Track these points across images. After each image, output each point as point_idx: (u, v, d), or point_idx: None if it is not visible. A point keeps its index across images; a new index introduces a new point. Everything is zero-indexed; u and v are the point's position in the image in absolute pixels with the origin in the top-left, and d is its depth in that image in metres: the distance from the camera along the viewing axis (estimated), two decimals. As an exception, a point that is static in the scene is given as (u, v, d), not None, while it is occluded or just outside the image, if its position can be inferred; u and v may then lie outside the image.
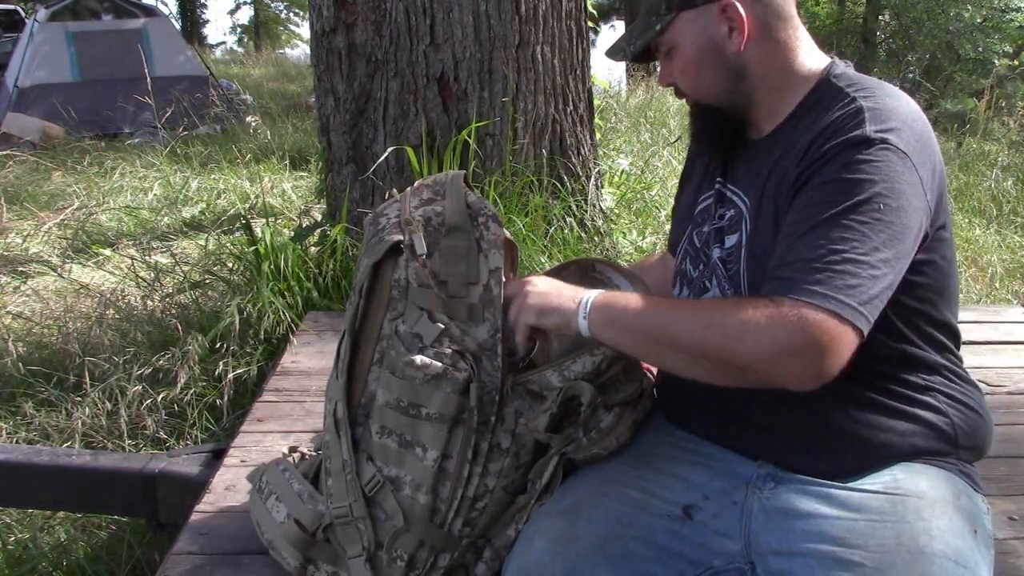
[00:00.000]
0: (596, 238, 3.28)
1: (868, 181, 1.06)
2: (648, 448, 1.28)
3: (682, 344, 1.10)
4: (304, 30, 29.34)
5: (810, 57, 1.25)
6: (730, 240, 1.27)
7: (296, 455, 1.47)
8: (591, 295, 1.17)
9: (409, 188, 1.32)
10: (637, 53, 1.27)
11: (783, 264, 1.08)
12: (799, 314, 1.01)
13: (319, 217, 3.62)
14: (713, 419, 1.27)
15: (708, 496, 1.20)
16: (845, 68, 1.25)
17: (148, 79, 5.19)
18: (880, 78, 1.26)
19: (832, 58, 1.27)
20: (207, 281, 3.15)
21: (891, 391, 1.18)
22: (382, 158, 2.96)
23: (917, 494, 1.13)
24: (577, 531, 1.14)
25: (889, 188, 1.06)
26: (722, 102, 1.26)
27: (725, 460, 1.24)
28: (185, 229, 4.51)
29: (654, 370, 1.45)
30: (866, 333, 1.03)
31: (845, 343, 1.02)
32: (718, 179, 1.34)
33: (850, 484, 1.15)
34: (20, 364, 2.70)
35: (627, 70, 9.05)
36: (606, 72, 8.22)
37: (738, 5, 1.21)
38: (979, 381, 1.34)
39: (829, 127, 1.13)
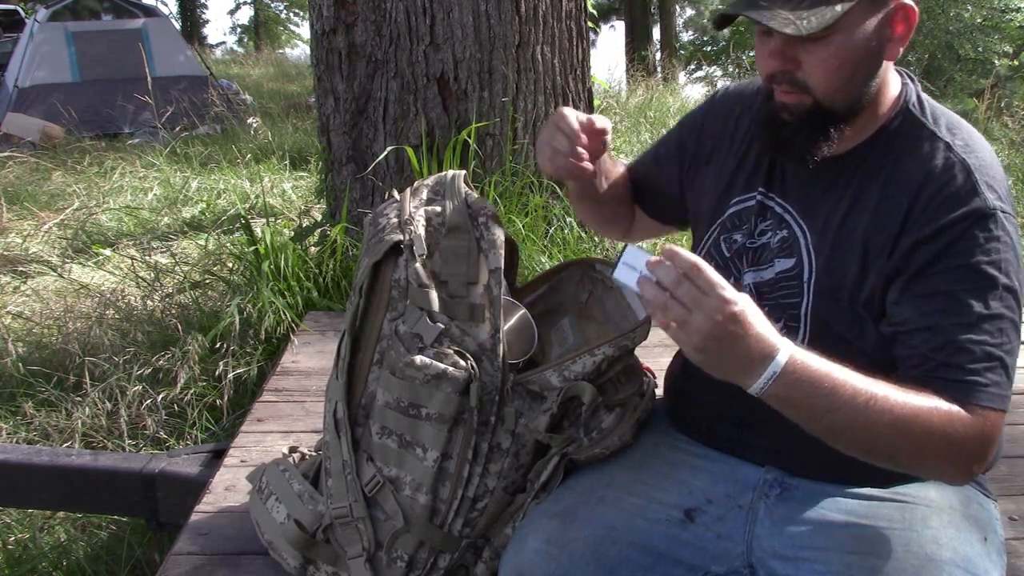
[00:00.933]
0: (596, 238, 3.28)
1: (1003, 262, 1.05)
2: (650, 451, 1.27)
3: (872, 447, 1.02)
4: (304, 30, 29.34)
5: (893, 75, 1.16)
6: (781, 264, 1.18)
7: (296, 455, 1.47)
8: (779, 364, 0.95)
9: (409, 188, 1.32)
10: (811, 30, 1.01)
11: (952, 363, 1.03)
12: (986, 424, 1.02)
13: (319, 217, 3.62)
14: (719, 426, 1.26)
15: (712, 500, 1.19)
16: (916, 89, 1.17)
17: (149, 79, 5.18)
18: None
19: (901, 74, 1.17)
20: (207, 281, 3.15)
21: None
22: (381, 157, 2.96)
23: (926, 502, 1.13)
24: (571, 534, 1.13)
25: (1013, 264, 1.06)
26: (845, 109, 1.10)
27: (729, 465, 1.23)
28: (185, 229, 4.51)
29: (655, 370, 1.45)
30: None
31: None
32: (760, 187, 1.22)
33: (858, 491, 1.15)
34: (20, 364, 2.70)
35: (627, 70, 9.04)
36: (606, 72, 8.23)
37: (916, 9, 1.07)
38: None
39: (936, 183, 1.08)
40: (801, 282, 1.16)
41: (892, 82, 1.14)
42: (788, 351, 0.96)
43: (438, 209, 1.25)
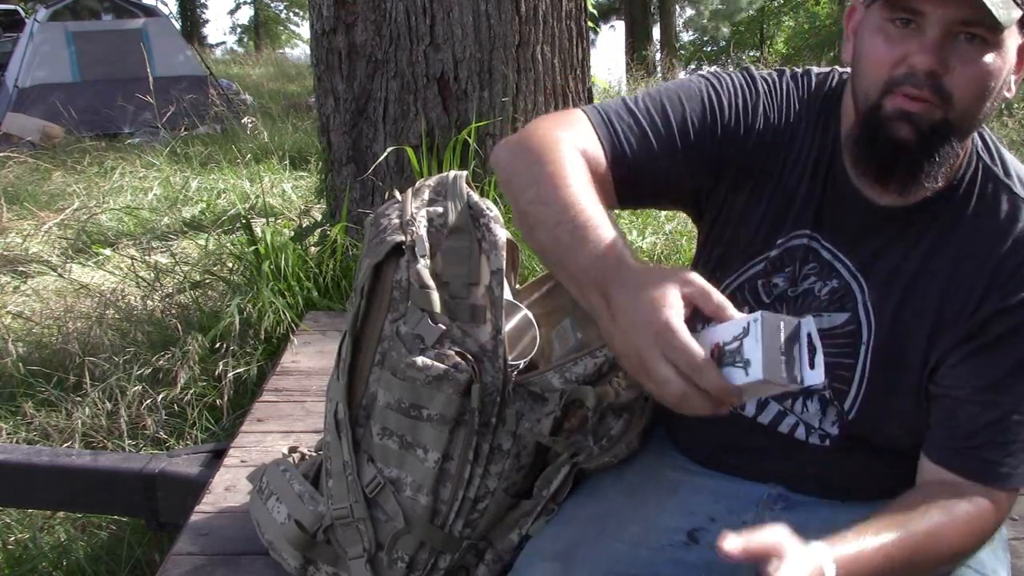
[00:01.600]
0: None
1: None
2: (648, 474, 1.24)
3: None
4: (304, 30, 29.33)
5: None
6: (832, 318, 1.07)
7: (296, 455, 1.47)
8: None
9: (411, 189, 1.32)
10: (1009, 23, 0.89)
11: (995, 444, 0.98)
12: (1008, 500, 1.01)
13: (319, 217, 3.62)
14: (719, 453, 1.22)
15: (715, 518, 1.17)
16: (983, 132, 1.06)
17: (151, 79, 5.18)
18: None
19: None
20: (207, 281, 3.15)
21: None
22: (381, 158, 2.96)
23: None
24: None
25: None
26: (964, 135, 0.98)
27: (731, 482, 1.21)
28: (185, 229, 4.51)
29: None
30: None
31: None
32: (806, 229, 1.08)
33: (862, 500, 1.13)
34: (20, 364, 2.70)
35: (627, 70, 9.04)
36: (606, 72, 8.23)
37: None
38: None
39: (1022, 250, 1.00)
40: (857, 342, 1.05)
41: None
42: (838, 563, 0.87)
43: (440, 210, 1.25)
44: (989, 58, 0.91)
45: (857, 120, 1.00)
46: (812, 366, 0.80)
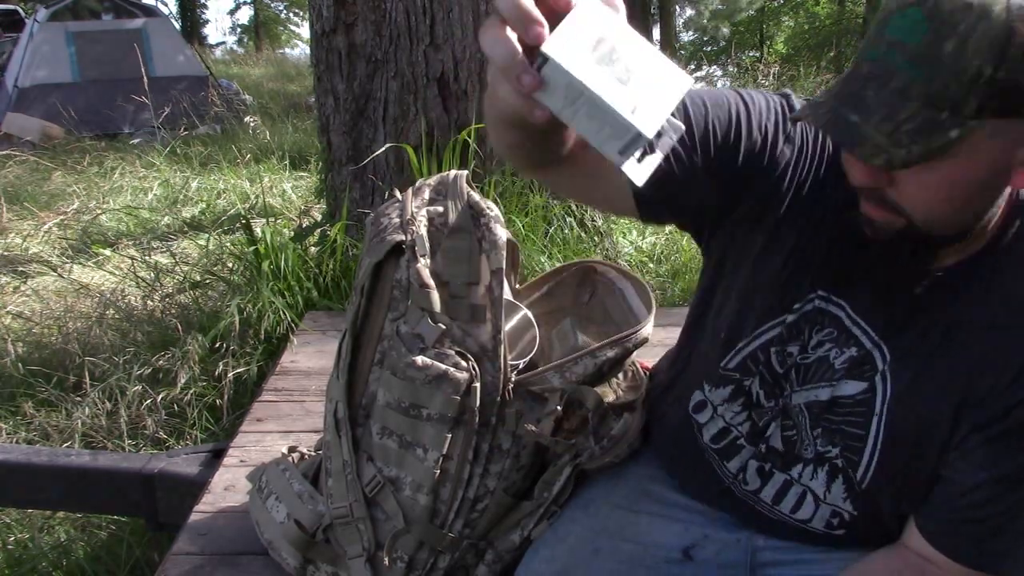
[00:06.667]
0: (596, 238, 3.28)
1: None
2: (643, 487, 1.24)
3: None
4: (304, 30, 29.35)
5: None
6: (846, 387, 0.99)
7: (295, 455, 1.47)
8: None
9: (411, 188, 1.32)
10: (908, 159, 0.77)
11: (975, 541, 0.94)
12: None
13: (319, 217, 3.62)
14: (717, 498, 1.19)
15: (708, 533, 1.17)
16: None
17: (145, 79, 5.18)
18: None
19: None
20: (207, 281, 3.15)
21: None
22: (378, 154, 2.96)
23: None
24: None
25: None
26: (950, 235, 0.89)
27: None
28: (185, 229, 4.51)
29: (649, 364, 1.44)
30: None
31: None
32: (820, 290, 0.99)
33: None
34: (20, 364, 2.70)
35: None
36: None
37: None
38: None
39: None
40: (871, 411, 0.97)
41: None
42: None
43: (440, 209, 1.25)
44: (940, 172, 0.80)
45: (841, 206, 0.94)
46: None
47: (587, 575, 1.14)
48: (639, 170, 0.67)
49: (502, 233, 1.24)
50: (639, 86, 0.64)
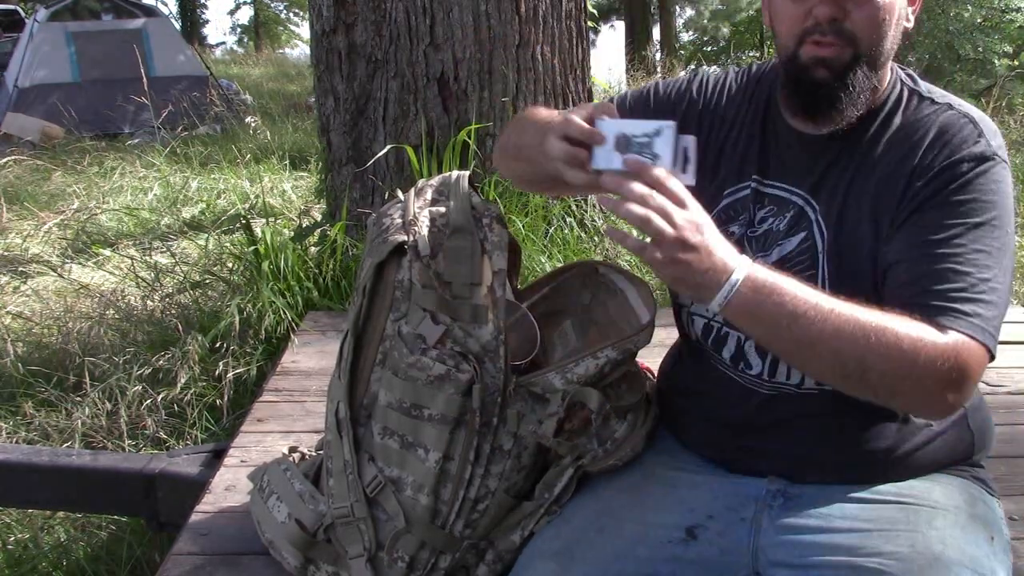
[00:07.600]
0: (596, 238, 3.28)
1: (993, 203, 1.07)
2: (648, 471, 1.25)
3: (841, 360, 1.01)
4: (304, 30, 29.33)
5: None
6: (790, 243, 1.17)
7: (296, 455, 1.47)
8: (739, 276, 0.99)
9: (413, 188, 1.32)
10: None
11: (932, 289, 1.03)
12: (962, 348, 1.00)
13: (319, 217, 3.62)
14: (718, 447, 1.24)
15: (713, 515, 1.18)
16: (908, 71, 1.20)
17: (145, 79, 5.18)
18: None
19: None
20: (207, 281, 3.15)
21: None
22: (380, 155, 2.96)
23: (930, 503, 1.13)
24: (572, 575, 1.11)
25: (1006, 209, 1.08)
26: (878, 66, 1.12)
27: (730, 479, 1.22)
28: (185, 229, 4.51)
29: (654, 370, 1.44)
30: None
31: (982, 374, 1.04)
32: (754, 175, 1.21)
33: (861, 495, 1.15)
34: (20, 364, 2.70)
35: (627, 71, 9.04)
36: (606, 72, 8.23)
37: None
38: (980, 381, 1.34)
39: (944, 135, 1.11)
40: (815, 254, 1.14)
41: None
42: (748, 264, 1.01)
43: (442, 210, 1.25)
44: (876, 5, 1.07)
45: (783, 71, 1.16)
46: (685, 172, 1.05)
47: (589, 551, 1.14)
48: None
49: (504, 234, 1.24)
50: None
